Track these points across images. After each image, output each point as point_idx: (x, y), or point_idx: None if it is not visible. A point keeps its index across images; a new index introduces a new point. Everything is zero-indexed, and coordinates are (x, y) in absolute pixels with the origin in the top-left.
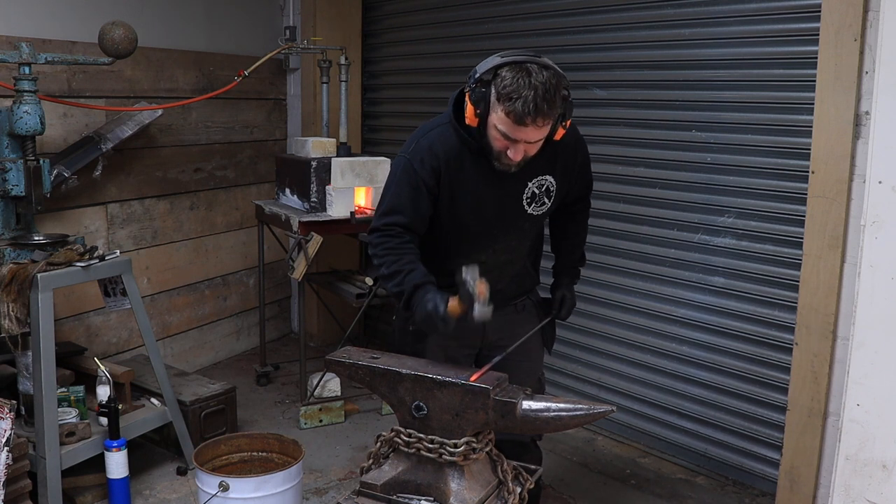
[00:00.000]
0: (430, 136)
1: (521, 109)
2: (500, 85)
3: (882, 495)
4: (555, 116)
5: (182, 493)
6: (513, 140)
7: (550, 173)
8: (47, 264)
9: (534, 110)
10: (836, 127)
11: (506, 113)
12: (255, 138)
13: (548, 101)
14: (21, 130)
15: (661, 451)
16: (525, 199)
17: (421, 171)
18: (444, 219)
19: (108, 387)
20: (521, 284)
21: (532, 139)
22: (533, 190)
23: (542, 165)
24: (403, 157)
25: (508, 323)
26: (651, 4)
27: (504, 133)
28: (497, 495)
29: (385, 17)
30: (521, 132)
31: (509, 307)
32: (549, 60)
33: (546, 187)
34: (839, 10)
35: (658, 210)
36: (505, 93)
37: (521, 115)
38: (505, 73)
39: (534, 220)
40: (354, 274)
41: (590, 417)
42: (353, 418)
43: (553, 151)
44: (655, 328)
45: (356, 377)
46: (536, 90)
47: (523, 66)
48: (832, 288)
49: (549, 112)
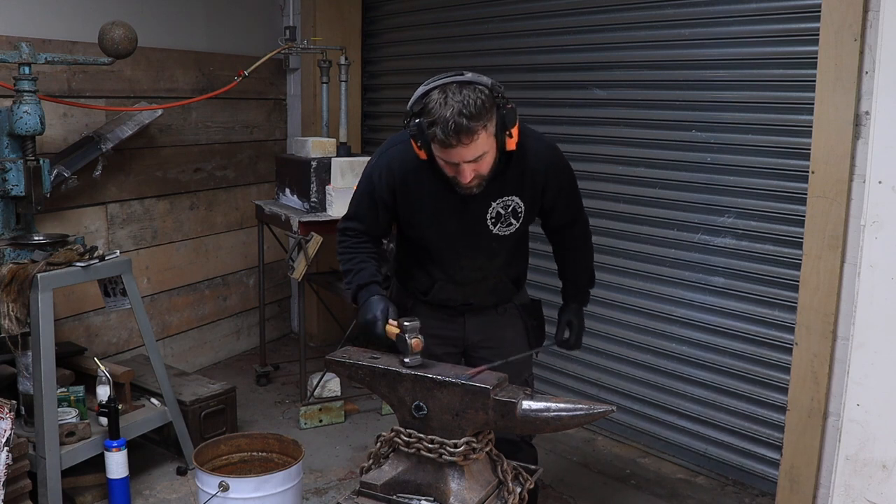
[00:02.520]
0: (394, 151)
1: (441, 133)
2: (425, 114)
3: (882, 495)
4: (482, 129)
5: (182, 493)
6: (453, 164)
7: (517, 194)
8: (47, 264)
9: (454, 129)
10: (836, 127)
11: (432, 139)
12: (255, 138)
13: (467, 117)
14: (21, 130)
15: (661, 451)
16: (489, 218)
17: (378, 185)
18: (408, 233)
19: (108, 387)
20: (499, 297)
21: (468, 157)
22: (498, 210)
23: (508, 186)
24: (370, 166)
25: (489, 325)
26: (651, 4)
27: (442, 159)
28: (497, 495)
29: (385, 17)
30: (453, 154)
31: (490, 309)
32: (474, 75)
33: (512, 208)
34: (839, 10)
35: (658, 210)
36: (428, 121)
37: (445, 139)
38: (427, 100)
39: (501, 240)
40: None
41: (590, 417)
42: (353, 418)
43: (520, 171)
44: (655, 328)
45: (356, 377)
46: (452, 109)
47: (442, 89)
48: (832, 288)
49: (472, 126)
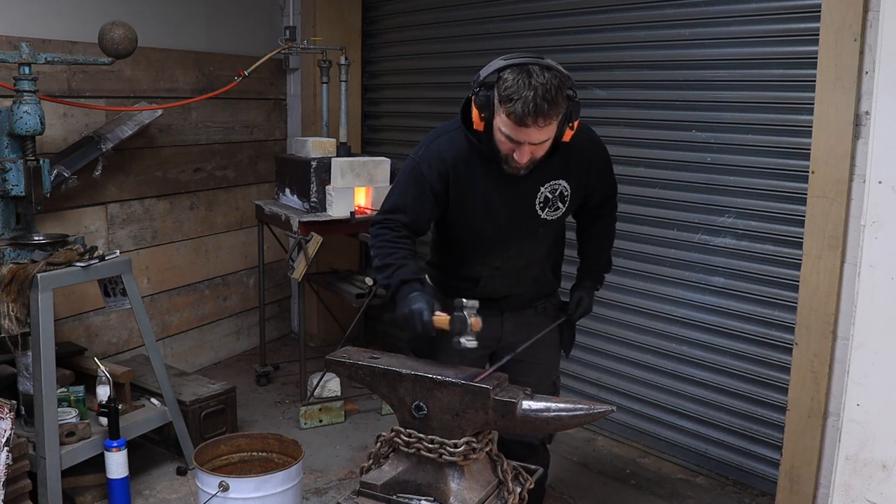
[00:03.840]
0: (441, 141)
1: (520, 110)
2: (501, 87)
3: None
4: (557, 117)
5: (182, 493)
6: (517, 142)
7: (564, 178)
8: (47, 264)
9: (534, 110)
10: (836, 127)
11: (507, 114)
12: (255, 138)
13: (548, 101)
14: (21, 130)
15: (661, 451)
16: (538, 203)
17: (428, 174)
18: (457, 223)
19: (108, 387)
20: (540, 288)
21: (535, 140)
22: (546, 194)
23: (555, 170)
24: (413, 160)
25: (527, 325)
26: (651, 4)
27: (508, 135)
28: (497, 495)
29: (385, 17)
30: (523, 133)
31: (529, 309)
32: (552, 62)
33: (560, 192)
34: (839, 10)
35: (658, 210)
36: (506, 95)
37: (522, 116)
38: (507, 76)
39: (549, 225)
40: (354, 274)
41: (590, 417)
42: (353, 418)
43: (565, 156)
44: (655, 328)
45: (356, 377)
46: (536, 91)
47: (524, 68)
48: (832, 288)
49: (550, 112)
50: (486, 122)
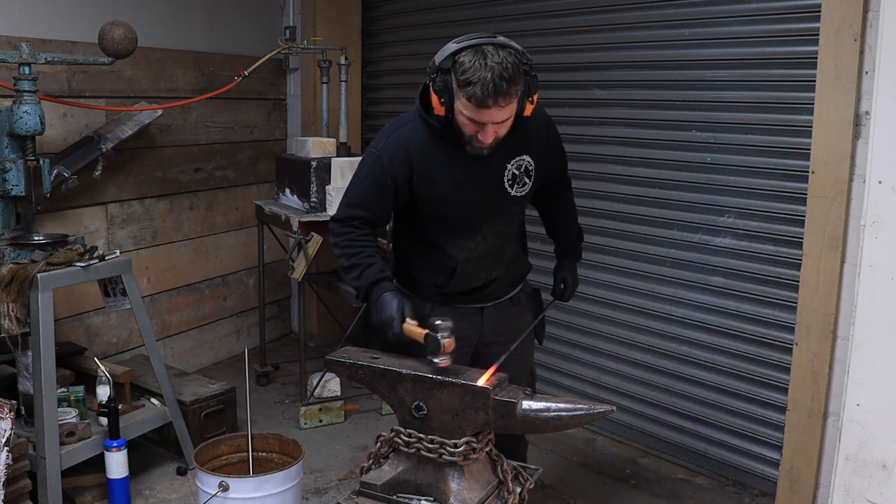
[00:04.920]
0: (401, 132)
1: (480, 92)
2: (458, 71)
3: (882, 495)
4: (517, 94)
5: (182, 493)
6: (480, 123)
7: (527, 153)
8: (47, 264)
9: (493, 91)
10: (836, 127)
11: (467, 98)
12: (255, 138)
13: (507, 80)
14: (21, 130)
15: (661, 451)
16: (507, 180)
17: (389, 167)
18: (427, 211)
19: (108, 387)
20: (516, 271)
21: (498, 119)
22: (513, 171)
23: (518, 146)
24: (373, 153)
25: (505, 317)
26: (651, 4)
27: (470, 118)
28: (497, 495)
29: (385, 17)
30: (485, 114)
31: (504, 301)
32: (505, 39)
33: (525, 167)
34: (839, 10)
35: (658, 210)
36: (464, 78)
37: (482, 98)
38: (462, 59)
39: (518, 202)
40: None
41: (590, 417)
42: (353, 418)
43: (526, 131)
44: (655, 328)
45: (356, 377)
46: (493, 71)
47: (479, 49)
48: (832, 288)
49: (510, 90)
50: (446, 107)
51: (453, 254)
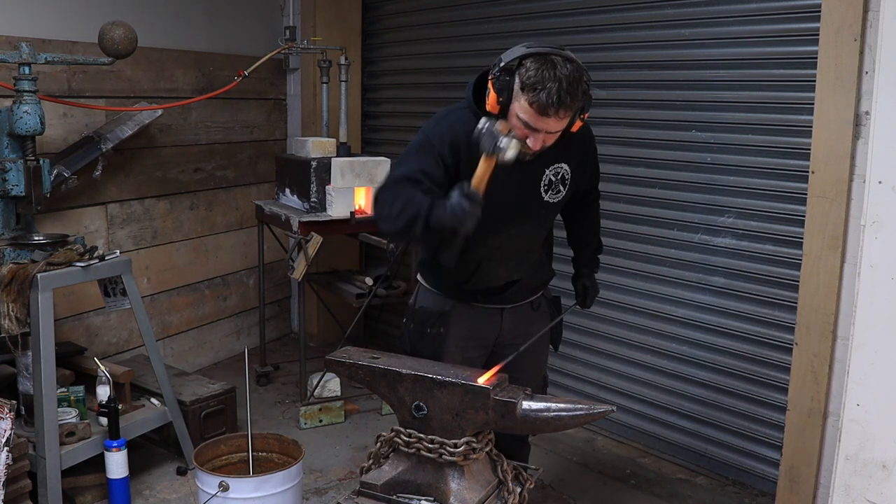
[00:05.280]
0: (450, 117)
1: (545, 100)
2: (524, 75)
3: (882, 495)
4: (575, 109)
5: (182, 493)
6: (534, 129)
7: (566, 161)
8: (47, 264)
9: (557, 102)
10: (836, 127)
11: (529, 103)
12: (255, 138)
13: (570, 94)
14: (21, 130)
15: (661, 451)
16: (543, 185)
17: (440, 146)
18: None
19: (108, 387)
20: (539, 275)
21: (553, 129)
22: (550, 177)
23: (559, 154)
24: (423, 133)
25: (524, 321)
26: (651, 4)
27: (526, 122)
28: (497, 495)
29: (385, 17)
30: (542, 122)
31: (525, 305)
32: (572, 54)
33: (562, 175)
34: (839, 10)
35: (658, 210)
36: (529, 83)
37: (545, 106)
38: (529, 64)
39: (550, 208)
40: (354, 274)
41: (590, 417)
42: (353, 418)
43: (569, 141)
44: (655, 328)
45: (356, 377)
46: (560, 82)
47: (548, 58)
48: (832, 288)
49: (572, 104)
50: (502, 105)
51: (478, 250)
